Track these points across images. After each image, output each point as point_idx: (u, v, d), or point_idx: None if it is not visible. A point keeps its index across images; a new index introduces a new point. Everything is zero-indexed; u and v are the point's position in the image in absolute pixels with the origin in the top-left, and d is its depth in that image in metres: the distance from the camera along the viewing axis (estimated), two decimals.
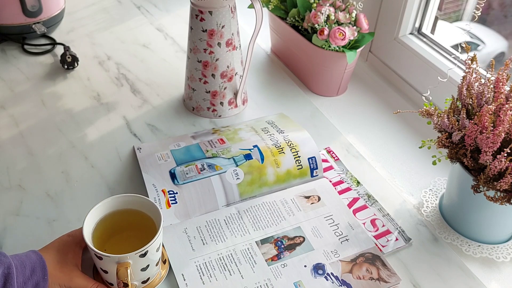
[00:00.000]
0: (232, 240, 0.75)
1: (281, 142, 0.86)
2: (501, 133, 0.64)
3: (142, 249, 0.62)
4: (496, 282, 0.73)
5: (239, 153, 0.84)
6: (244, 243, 0.74)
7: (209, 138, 0.89)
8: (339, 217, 0.79)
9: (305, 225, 0.77)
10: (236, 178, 0.81)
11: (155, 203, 0.68)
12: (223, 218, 0.78)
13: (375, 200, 0.83)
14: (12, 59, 1.13)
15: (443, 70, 0.95)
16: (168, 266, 0.72)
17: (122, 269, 0.61)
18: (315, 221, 0.78)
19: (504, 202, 0.66)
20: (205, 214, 0.78)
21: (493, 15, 1.97)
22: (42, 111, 0.99)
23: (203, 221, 0.77)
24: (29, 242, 0.75)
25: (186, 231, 0.75)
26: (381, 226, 0.78)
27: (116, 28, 1.24)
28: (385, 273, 0.71)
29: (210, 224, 0.77)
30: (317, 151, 0.85)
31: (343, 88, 1.06)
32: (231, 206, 0.80)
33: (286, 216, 0.78)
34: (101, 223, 0.68)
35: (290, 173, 0.83)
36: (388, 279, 0.70)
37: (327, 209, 0.80)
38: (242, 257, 0.72)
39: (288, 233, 0.76)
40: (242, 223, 0.77)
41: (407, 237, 0.77)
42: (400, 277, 0.70)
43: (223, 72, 0.92)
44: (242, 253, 0.73)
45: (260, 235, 0.75)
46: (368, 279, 0.70)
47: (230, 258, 0.72)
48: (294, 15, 1.03)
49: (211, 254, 0.73)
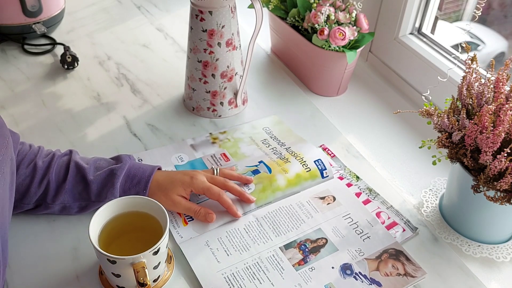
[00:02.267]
0: (255, 248, 0.74)
1: (284, 154, 0.88)
2: (501, 133, 0.64)
3: (155, 246, 0.62)
4: (496, 282, 0.73)
5: (246, 171, 0.85)
6: (268, 250, 0.74)
7: (211, 152, 0.89)
8: (357, 215, 0.79)
9: (325, 226, 0.77)
10: (248, 188, 0.81)
11: (157, 202, 0.68)
12: (242, 226, 0.77)
13: (376, 193, 0.83)
14: (12, 59, 1.13)
15: (443, 70, 0.95)
16: (174, 263, 0.72)
17: (140, 269, 0.62)
18: (334, 221, 0.78)
19: (504, 202, 0.66)
20: (224, 225, 0.77)
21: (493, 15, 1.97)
22: (42, 111, 0.99)
23: (223, 231, 0.76)
24: (29, 242, 0.75)
25: (208, 244, 0.74)
26: (386, 218, 0.79)
27: (116, 28, 1.24)
28: (410, 268, 0.71)
29: (231, 234, 0.76)
30: (322, 155, 0.87)
31: (343, 88, 1.06)
32: (248, 214, 0.79)
33: (305, 219, 0.78)
34: (105, 228, 0.68)
35: (300, 176, 0.84)
36: (415, 274, 0.71)
37: (344, 208, 0.80)
38: (269, 265, 0.72)
39: (310, 235, 0.76)
40: (262, 230, 0.76)
41: (414, 227, 0.78)
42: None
43: (223, 72, 0.92)
44: (268, 260, 0.72)
45: (283, 241, 0.75)
46: (396, 275, 0.70)
47: (257, 266, 0.72)
48: (294, 15, 1.03)
49: (237, 264, 0.72)
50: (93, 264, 0.72)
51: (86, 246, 0.74)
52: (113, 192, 0.75)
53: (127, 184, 0.76)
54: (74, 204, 0.76)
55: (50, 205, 0.75)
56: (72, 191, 0.75)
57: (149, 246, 0.62)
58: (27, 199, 0.74)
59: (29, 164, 0.75)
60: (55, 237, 0.76)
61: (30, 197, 0.74)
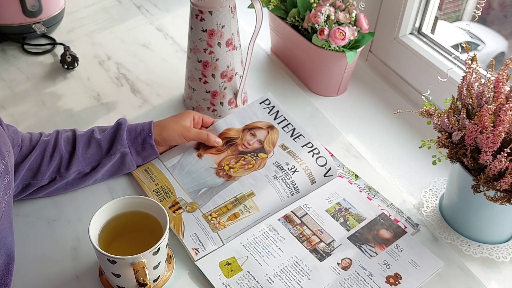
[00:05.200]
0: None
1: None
2: (501, 133, 0.64)
3: (155, 246, 0.62)
4: (496, 282, 0.73)
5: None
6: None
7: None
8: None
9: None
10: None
11: (157, 202, 0.68)
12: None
13: (376, 191, 0.83)
14: (12, 59, 1.13)
15: (443, 70, 0.95)
16: (174, 263, 0.72)
17: (140, 269, 0.62)
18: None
19: (504, 202, 0.66)
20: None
21: (493, 15, 1.98)
22: (42, 111, 0.99)
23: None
24: (29, 242, 0.75)
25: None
26: (388, 216, 0.79)
27: (116, 28, 1.24)
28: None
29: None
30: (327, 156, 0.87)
31: (343, 88, 1.06)
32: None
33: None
34: (104, 228, 0.68)
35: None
36: None
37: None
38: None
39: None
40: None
41: (415, 223, 0.78)
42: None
43: (223, 72, 0.92)
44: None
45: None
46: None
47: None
48: (294, 15, 1.03)
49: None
50: (93, 264, 0.72)
51: (86, 246, 0.74)
52: (122, 143, 0.80)
53: (132, 134, 0.82)
54: (87, 168, 0.80)
55: (65, 175, 0.78)
56: (84, 155, 0.79)
57: (149, 246, 0.62)
58: (39, 175, 0.77)
59: (36, 144, 0.78)
60: (55, 237, 0.76)
61: (42, 172, 0.77)
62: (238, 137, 0.89)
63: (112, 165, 0.81)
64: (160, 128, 0.84)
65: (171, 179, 0.84)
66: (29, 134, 0.81)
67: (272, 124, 0.91)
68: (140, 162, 0.85)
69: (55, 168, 0.78)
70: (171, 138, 0.84)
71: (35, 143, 0.79)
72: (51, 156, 0.78)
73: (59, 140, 0.80)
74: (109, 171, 0.82)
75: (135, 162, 0.83)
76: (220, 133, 0.90)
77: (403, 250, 0.74)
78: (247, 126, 0.91)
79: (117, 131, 0.81)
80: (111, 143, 0.81)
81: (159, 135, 0.84)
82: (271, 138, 0.89)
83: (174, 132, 0.84)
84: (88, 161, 0.80)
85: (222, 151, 0.87)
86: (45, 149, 0.78)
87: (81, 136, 0.81)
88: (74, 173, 0.79)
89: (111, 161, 0.80)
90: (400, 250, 0.74)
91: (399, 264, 0.72)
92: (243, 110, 0.93)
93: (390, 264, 0.72)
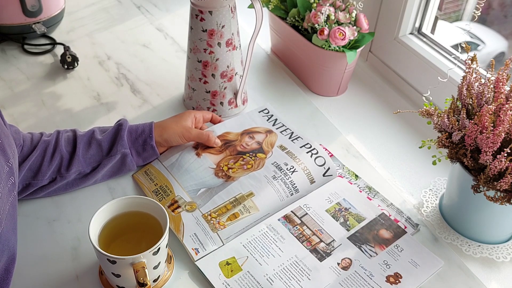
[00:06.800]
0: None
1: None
2: (501, 133, 0.64)
3: (155, 246, 0.62)
4: (496, 282, 0.73)
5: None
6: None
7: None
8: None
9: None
10: None
11: (157, 202, 0.68)
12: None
13: (376, 191, 0.83)
14: (12, 59, 1.13)
15: (443, 70, 0.95)
16: (174, 263, 0.72)
17: (140, 269, 0.62)
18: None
19: (504, 202, 0.66)
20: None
21: (493, 15, 1.98)
22: (42, 111, 0.99)
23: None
24: (29, 242, 0.75)
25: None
26: (388, 216, 0.79)
27: (116, 28, 1.24)
28: None
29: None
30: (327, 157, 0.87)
31: (343, 88, 1.06)
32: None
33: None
34: (104, 228, 0.68)
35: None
36: None
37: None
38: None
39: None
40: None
41: (415, 223, 0.78)
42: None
43: (223, 72, 0.92)
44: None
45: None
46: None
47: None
48: (294, 15, 1.03)
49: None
50: (93, 264, 0.72)
51: (86, 246, 0.74)
52: (122, 144, 0.81)
53: (132, 135, 0.82)
54: (87, 168, 0.80)
55: (65, 175, 0.78)
56: (84, 156, 0.79)
57: (149, 246, 0.62)
58: (40, 176, 0.77)
59: (37, 144, 0.78)
60: (55, 237, 0.76)
61: (43, 173, 0.77)
62: (236, 139, 0.89)
63: (113, 166, 0.82)
64: (161, 129, 0.84)
65: (169, 178, 0.84)
66: (30, 134, 0.81)
67: (270, 129, 0.91)
68: (140, 163, 0.85)
69: (55, 168, 0.78)
70: (172, 139, 0.84)
71: (36, 143, 0.79)
72: (52, 156, 0.78)
73: (59, 141, 0.80)
74: (109, 171, 0.82)
75: (135, 163, 0.83)
76: (219, 135, 0.90)
77: (403, 250, 0.74)
78: (246, 131, 0.91)
79: (118, 131, 0.81)
80: (111, 143, 0.81)
81: (160, 136, 0.84)
82: (270, 140, 0.89)
83: (175, 132, 0.84)
84: (89, 161, 0.80)
85: (220, 151, 0.87)
86: (45, 149, 0.78)
87: (81, 137, 0.81)
88: (74, 174, 0.79)
89: (112, 161, 0.80)
90: (400, 250, 0.74)
91: (399, 264, 0.72)
92: (242, 117, 0.94)
93: (390, 264, 0.72)
